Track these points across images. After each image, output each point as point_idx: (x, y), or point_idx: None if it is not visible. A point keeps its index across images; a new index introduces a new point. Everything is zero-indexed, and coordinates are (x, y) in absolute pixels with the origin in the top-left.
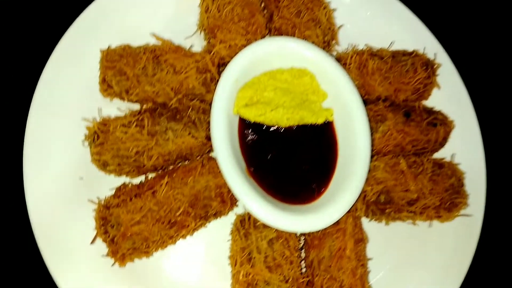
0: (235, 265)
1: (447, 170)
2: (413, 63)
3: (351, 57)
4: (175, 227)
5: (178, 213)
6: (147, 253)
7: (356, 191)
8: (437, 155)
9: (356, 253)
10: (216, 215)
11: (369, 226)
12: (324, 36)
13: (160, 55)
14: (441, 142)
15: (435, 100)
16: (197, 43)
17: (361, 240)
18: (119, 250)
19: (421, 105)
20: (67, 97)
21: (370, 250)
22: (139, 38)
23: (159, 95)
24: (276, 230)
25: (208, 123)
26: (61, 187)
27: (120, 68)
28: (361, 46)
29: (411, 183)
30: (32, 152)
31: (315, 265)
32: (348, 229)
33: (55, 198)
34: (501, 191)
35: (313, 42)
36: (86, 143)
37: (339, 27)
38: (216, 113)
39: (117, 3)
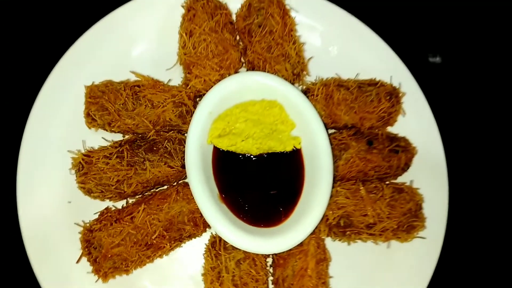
0: (206, 283)
1: (405, 195)
2: (377, 93)
3: (318, 88)
4: (152, 248)
5: (154, 236)
6: (127, 271)
7: (318, 216)
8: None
9: (317, 272)
10: (190, 237)
11: (334, 245)
12: (293, 69)
13: (139, 91)
14: (403, 168)
15: (402, 126)
16: (177, 75)
17: (323, 259)
18: (101, 268)
19: (385, 132)
20: (56, 129)
21: (335, 268)
22: (124, 69)
23: (138, 127)
24: (244, 251)
25: (183, 152)
26: (52, 211)
27: (102, 104)
28: (331, 75)
29: (368, 209)
30: (25, 178)
31: (280, 282)
32: (310, 250)
33: (46, 221)
34: (463, 213)
35: (282, 76)
36: (73, 171)
37: (310, 59)
38: (190, 144)
39: (102, 38)
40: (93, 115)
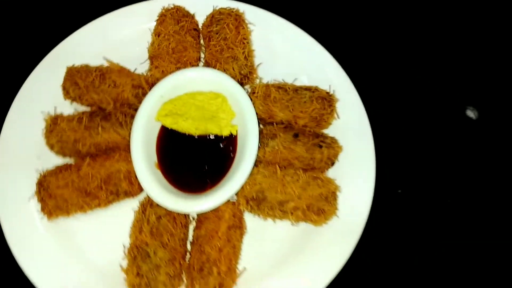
0: (131, 232)
1: (320, 182)
2: (311, 97)
3: (260, 87)
4: (90, 196)
5: (92, 186)
6: (67, 212)
7: (234, 188)
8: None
9: (227, 235)
10: (127, 194)
11: (257, 223)
12: (240, 70)
13: (106, 73)
14: (327, 162)
15: (337, 129)
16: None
17: (237, 227)
18: (46, 207)
19: (316, 130)
20: (40, 98)
21: (253, 242)
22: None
23: (102, 102)
24: (166, 210)
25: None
26: (25, 160)
27: (75, 80)
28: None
29: (279, 187)
30: (10, 133)
31: (194, 240)
32: (224, 216)
33: (20, 168)
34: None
35: (230, 74)
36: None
37: (260, 64)
38: (138, 117)
39: (93, 36)
40: (67, 89)
